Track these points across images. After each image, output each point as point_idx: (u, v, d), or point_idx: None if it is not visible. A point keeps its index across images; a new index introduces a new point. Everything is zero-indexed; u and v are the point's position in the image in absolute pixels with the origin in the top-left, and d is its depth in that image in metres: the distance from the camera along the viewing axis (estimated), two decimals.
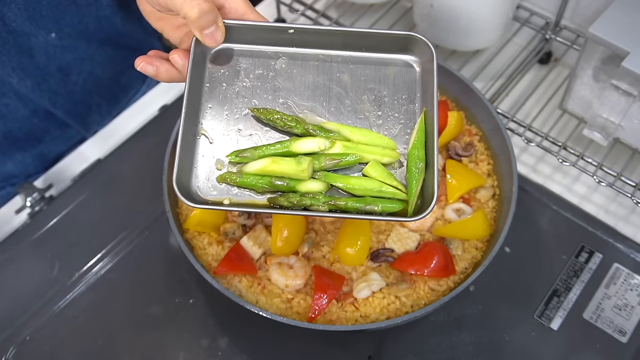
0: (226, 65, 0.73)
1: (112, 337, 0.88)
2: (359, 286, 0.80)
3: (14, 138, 1.03)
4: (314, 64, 0.74)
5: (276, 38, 0.73)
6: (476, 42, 1.09)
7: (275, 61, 0.74)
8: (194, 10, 0.66)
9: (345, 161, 0.68)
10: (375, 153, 0.69)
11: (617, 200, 0.99)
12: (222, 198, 0.68)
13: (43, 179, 1.06)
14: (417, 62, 0.74)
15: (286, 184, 0.67)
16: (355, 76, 0.73)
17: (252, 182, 0.67)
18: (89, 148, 1.09)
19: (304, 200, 0.66)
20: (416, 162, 0.68)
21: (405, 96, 0.72)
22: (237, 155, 0.69)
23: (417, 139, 0.69)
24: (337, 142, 0.69)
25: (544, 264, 0.92)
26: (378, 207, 0.66)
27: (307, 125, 0.70)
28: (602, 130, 0.92)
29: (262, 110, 0.70)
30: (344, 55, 0.74)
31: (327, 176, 0.68)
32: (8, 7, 0.87)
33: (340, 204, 0.66)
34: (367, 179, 0.68)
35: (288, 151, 0.68)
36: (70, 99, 1.06)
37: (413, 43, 0.72)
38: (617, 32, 0.85)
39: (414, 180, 0.67)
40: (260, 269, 0.82)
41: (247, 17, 0.71)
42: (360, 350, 0.86)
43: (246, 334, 0.88)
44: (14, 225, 1.00)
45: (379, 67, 0.74)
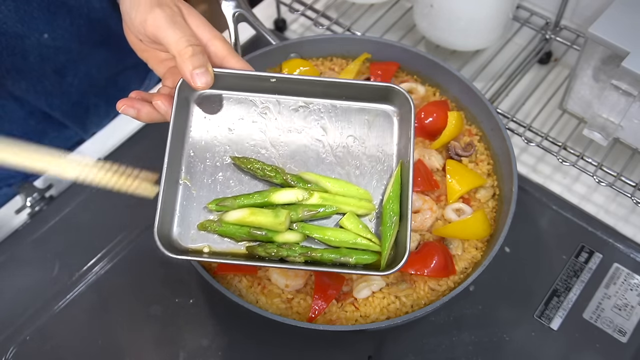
0: (209, 111, 0.75)
1: (112, 337, 0.88)
2: (359, 286, 0.80)
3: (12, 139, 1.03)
4: (295, 112, 0.75)
5: (258, 85, 0.75)
6: (476, 42, 1.09)
7: (257, 107, 0.75)
8: (188, 49, 0.67)
9: (322, 212, 0.70)
10: (352, 205, 0.71)
11: (617, 200, 0.99)
12: (202, 246, 0.70)
13: (43, 179, 1.06)
14: (395, 112, 0.75)
15: (264, 234, 0.69)
16: (335, 124, 0.75)
17: (231, 230, 0.70)
18: (89, 148, 1.09)
19: (280, 251, 0.68)
20: (390, 215, 0.70)
21: (383, 146, 0.74)
22: (217, 204, 0.70)
23: (392, 192, 0.71)
24: (315, 193, 0.71)
25: (543, 264, 0.92)
26: (352, 259, 0.68)
27: (286, 175, 0.71)
28: (602, 130, 0.92)
29: (242, 159, 0.72)
30: (325, 103, 0.76)
31: (304, 227, 0.70)
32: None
33: (315, 256, 0.68)
34: (343, 230, 0.70)
35: (267, 202, 0.70)
36: (67, 100, 1.06)
37: (393, 94, 0.74)
38: (617, 32, 0.85)
39: (388, 232, 0.69)
40: (260, 269, 0.82)
41: (227, 61, 0.72)
42: (360, 350, 0.86)
43: (246, 334, 0.88)
44: (14, 225, 1.00)
45: (359, 115, 0.75)
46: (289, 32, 1.23)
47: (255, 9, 1.25)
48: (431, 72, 0.97)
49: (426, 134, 0.92)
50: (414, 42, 1.18)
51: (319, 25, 1.13)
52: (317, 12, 1.14)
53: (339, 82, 0.74)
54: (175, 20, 0.68)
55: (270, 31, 0.99)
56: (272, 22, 1.23)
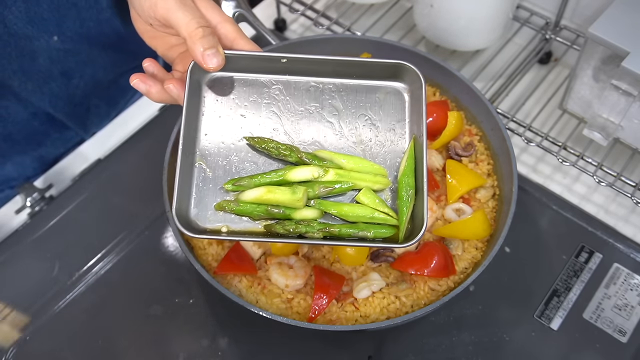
0: (221, 94, 0.75)
1: (112, 337, 0.88)
2: (359, 286, 0.80)
3: (13, 141, 1.03)
4: (306, 92, 0.76)
5: (269, 66, 0.75)
6: (476, 42, 1.09)
7: (269, 88, 0.75)
8: (199, 30, 0.67)
9: (338, 189, 0.70)
10: (367, 180, 0.71)
11: (617, 200, 0.99)
12: (220, 226, 0.70)
13: (43, 179, 1.06)
14: (406, 89, 0.76)
15: (282, 212, 0.69)
16: (346, 103, 0.75)
17: (248, 210, 0.70)
18: (89, 148, 1.09)
19: (299, 228, 0.68)
20: (406, 188, 0.70)
21: (395, 123, 0.75)
22: (233, 184, 0.71)
23: (406, 166, 0.71)
24: (330, 170, 0.71)
25: (543, 264, 0.92)
26: (370, 233, 0.68)
27: (301, 153, 0.72)
28: (602, 130, 0.92)
29: (256, 139, 0.72)
30: (336, 82, 0.76)
31: (321, 204, 0.70)
32: (9, 9, 0.86)
33: (334, 231, 0.68)
34: (360, 205, 0.70)
35: (283, 180, 0.70)
36: (71, 102, 1.06)
37: (403, 71, 0.74)
38: (617, 32, 0.85)
39: (404, 206, 0.69)
40: (260, 269, 0.82)
41: (237, 43, 0.72)
42: (360, 350, 0.86)
43: (246, 334, 0.88)
44: (14, 225, 1.00)
45: (370, 94, 0.76)
46: (289, 32, 1.23)
47: (255, 9, 1.25)
48: (431, 72, 0.97)
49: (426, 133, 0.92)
50: (414, 42, 1.18)
51: (319, 25, 1.13)
52: (317, 12, 1.14)
53: (349, 60, 0.74)
54: (185, 2, 0.68)
55: (270, 31, 0.99)
56: (272, 22, 1.23)
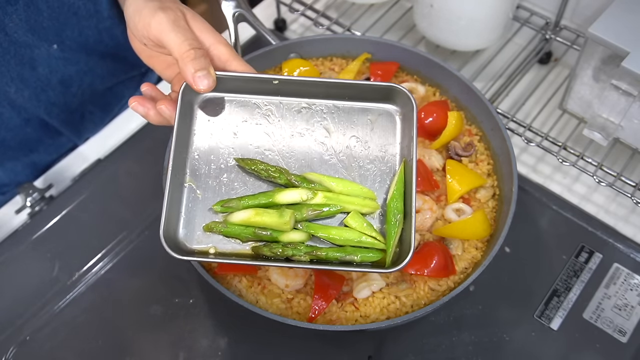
0: (213, 114, 0.75)
1: (112, 337, 0.88)
2: (359, 286, 0.80)
3: (6, 147, 1.03)
4: (298, 113, 0.76)
5: (261, 87, 0.75)
6: (476, 42, 1.09)
7: (260, 110, 0.76)
8: (190, 52, 0.67)
9: (326, 212, 0.71)
10: (356, 204, 0.71)
11: (617, 200, 0.99)
12: (208, 247, 0.71)
13: (43, 179, 1.06)
14: (398, 111, 0.76)
15: (269, 234, 0.69)
16: (337, 125, 0.75)
17: (236, 231, 0.70)
18: (89, 148, 1.09)
19: (286, 251, 0.68)
20: (395, 212, 0.70)
21: (386, 145, 0.75)
22: (222, 206, 0.71)
23: (396, 190, 0.71)
24: (319, 192, 0.71)
25: (543, 264, 0.92)
26: (357, 257, 0.69)
27: (290, 175, 0.72)
28: (602, 130, 0.92)
29: (246, 160, 0.73)
30: (327, 104, 0.76)
31: (309, 227, 0.70)
32: (9, 17, 0.86)
33: (321, 254, 0.69)
34: (347, 229, 0.71)
35: (271, 202, 0.71)
36: (66, 109, 1.06)
37: (395, 93, 0.74)
38: (617, 32, 0.85)
39: (392, 230, 0.69)
40: (260, 269, 0.82)
41: (230, 64, 0.72)
42: (360, 350, 0.86)
43: (246, 334, 0.88)
44: (14, 225, 1.00)
45: (361, 116, 0.76)
46: (289, 32, 1.23)
47: (255, 9, 1.25)
48: (431, 72, 0.97)
49: (426, 134, 0.92)
50: (414, 42, 1.18)
51: (319, 25, 1.13)
52: (317, 12, 1.14)
53: (341, 82, 0.75)
54: (178, 24, 0.69)
55: (270, 31, 0.99)
56: (272, 22, 1.23)
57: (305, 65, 0.98)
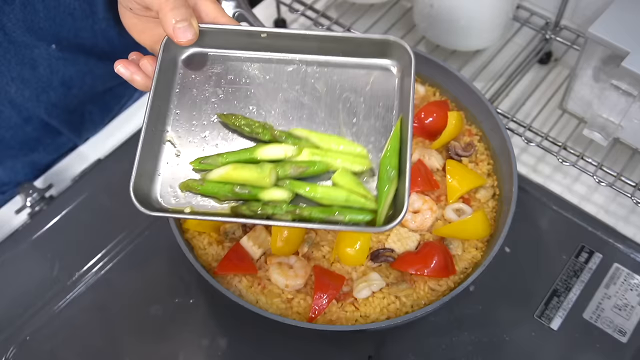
0: (197, 71, 0.72)
1: (112, 337, 0.88)
2: (359, 286, 0.80)
3: (5, 145, 1.02)
4: (288, 70, 0.71)
5: (249, 42, 0.71)
6: (476, 42, 1.09)
7: (248, 66, 0.72)
8: (169, 2, 0.65)
9: (312, 169, 0.66)
10: (345, 160, 0.66)
11: (617, 200, 0.99)
12: (184, 207, 0.66)
13: (43, 179, 1.06)
14: (395, 66, 0.72)
15: (248, 192, 0.65)
16: (330, 82, 0.71)
17: (214, 189, 0.66)
18: (89, 148, 1.09)
19: (266, 209, 0.64)
20: (388, 169, 0.65)
21: (382, 103, 0.70)
22: (200, 162, 0.67)
23: (390, 146, 0.66)
24: (305, 149, 0.67)
25: (544, 264, 0.92)
26: (345, 218, 0.63)
27: (275, 131, 0.68)
28: (602, 130, 0.92)
29: (229, 116, 0.69)
30: (320, 60, 0.72)
31: (292, 184, 0.66)
32: (7, 17, 0.86)
33: (304, 214, 0.64)
34: (335, 187, 0.66)
35: (251, 158, 0.67)
36: (67, 109, 1.06)
37: (391, 47, 0.70)
38: (617, 32, 0.85)
39: (384, 187, 0.64)
40: (260, 269, 0.82)
41: (218, 21, 0.70)
42: (360, 350, 0.86)
43: (246, 334, 0.88)
44: (14, 225, 1.00)
45: (356, 72, 0.71)
46: None
47: (255, 9, 1.25)
48: (431, 72, 0.97)
49: (426, 134, 0.92)
50: (414, 42, 1.18)
51: (319, 25, 1.13)
52: (317, 12, 1.15)
53: (334, 36, 0.70)
54: None
55: None
56: (272, 22, 1.23)
57: None
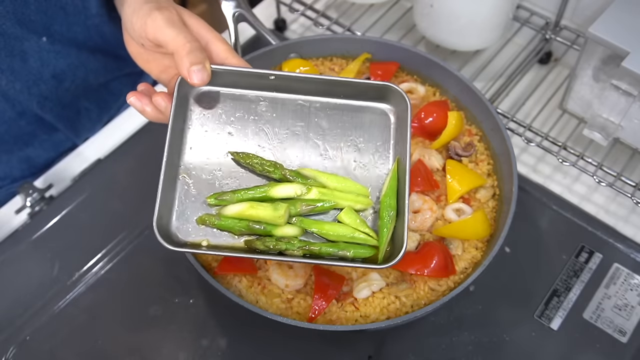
0: (208, 108, 0.75)
1: (112, 337, 0.88)
2: (359, 286, 0.80)
3: (0, 140, 1.03)
4: (293, 109, 0.76)
5: (258, 83, 0.75)
6: (476, 42, 1.09)
7: (256, 105, 0.76)
8: (186, 45, 0.68)
9: (320, 207, 0.71)
10: (349, 200, 0.72)
11: (617, 200, 0.99)
12: (201, 240, 0.70)
13: (43, 179, 1.06)
14: (392, 110, 0.76)
15: (263, 228, 0.69)
16: (333, 122, 0.76)
17: (230, 224, 0.70)
18: (89, 148, 1.09)
19: (279, 245, 0.68)
20: (387, 210, 0.70)
21: (380, 143, 0.75)
22: (216, 198, 0.71)
23: (389, 187, 0.71)
24: (313, 188, 0.72)
25: (544, 264, 0.92)
26: (350, 253, 0.69)
27: (285, 170, 0.72)
28: (602, 130, 0.92)
29: (241, 154, 0.73)
30: (323, 101, 0.76)
31: (302, 222, 0.70)
32: None
33: (314, 249, 0.69)
34: (341, 225, 0.71)
35: (266, 196, 0.71)
36: (59, 103, 1.06)
37: (389, 92, 0.75)
38: (617, 32, 0.85)
39: (385, 227, 0.69)
40: (260, 269, 0.82)
41: (228, 61, 0.73)
42: (360, 350, 0.86)
43: (246, 334, 0.88)
44: (14, 225, 1.00)
45: (356, 114, 0.76)
46: (289, 32, 1.23)
47: (255, 9, 1.25)
48: (431, 72, 0.97)
49: (426, 134, 0.92)
50: (414, 42, 1.18)
51: (319, 25, 1.13)
52: (317, 12, 1.14)
53: (337, 80, 0.75)
54: (173, 21, 0.70)
55: (270, 31, 0.99)
56: (272, 22, 1.23)
57: (305, 65, 0.98)
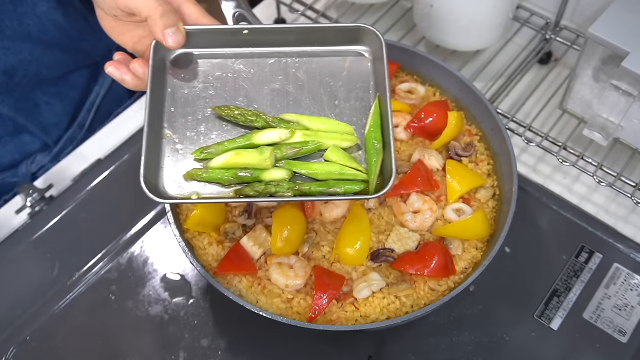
0: (186, 70, 0.76)
1: (112, 337, 0.88)
2: (359, 286, 0.80)
3: None
4: (270, 62, 0.77)
5: (232, 39, 0.76)
6: (476, 42, 1.09)
7: (233, 62, 0.77)
8: (158, 9, 0.69)
9: (305, 149, 0.72)
10: (334, 138, 0.72)
11: (617, 200, 0.99)
12: (190, 193, 0.71)
13: (43, 178, 1.06)
14: (367, 51, 0.78)
15: (251, 175, 0.70)
16: (310, 70, 0.77)
17: (217, 175, 0.70)
18: (89, 148, 1.09)
19: (268, 188, 0.69)
20: (373, 142, 0.71)
21: (360, 85, 0.76)
22: (201, 152, 0.72)
23: (373, 122, 0.73)
24: (297, 131, 0.73)
25: (543, 264, 0.92)
26: (341, 189, 0.70)
27: (267, 117, 0.73)
28: (602, 130, 0.92)
29: (223, 108, 0.73)
30: (298, 50, 0.78)
31: (289, 164, 0.71)
32: None
33: (304, 189, 0.70)
34: (328, 163, 0.72)
35: (250, 143, 0.72)
36: (11, 96, 1.04)
37: (362, 33, 0.76)
38: (617, 32, 0.85)
39: (373, 159, 0.71)
40: (260, 269, 0.82)
41: (200, 21, 0.74)
42: (360, 350, 0.86)
43: (246, 334, 0.88)
44: (14, 225, 1.00)
45: (332, 59, 0.78)
46: None
47: (255, 9, 1.25)
48: (431, 72, 0.97)
49: (426, 134, 0.92)
50: (414, 42, 1.18)
51: None
52: (317, 12, 1.14)
53: (310, 27, 0.77)
54: None
55: None
56: (272, 22, 1.23)
57: None
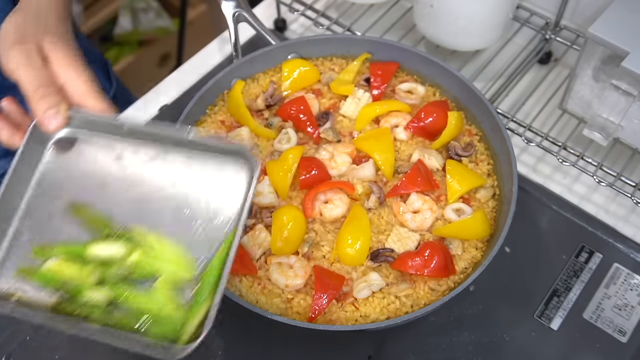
0: (62, 152, 0.72)
1: None
2: (359, 286, 0.80)
3: None
4: (145, 160, 0.72)
5: (114, 130, 0.72)
6: (476, 42, 1.09)
7: (112, 153, 0.73)
8: (39, 90, 0.66)
9: (136, 274, 0.67)
10: (170, 270, 0.67)
11: (617, 200, 0.99)
12: (14, 292, 0.66)
13: None
14: (247, 170, 0.72)
15: (70, 289, 0.66)
16: (184, 178, 0.72)
17: (44, 279, 0.66)
18: None
19: (80, 310, 0.65)
20: (207, 284, 0.66)
21: (226, 205, 0.70)
22: (40, 249, 0.68)
23: (215, 263, 0.67)
24: (136, 251, 0.67)
25: (543, 264, 0.92)
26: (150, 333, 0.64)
27: (115, 227, 0.68)
28: (602, 130, 0.92)
29: (80, 206, 0.70)
30: (181, 153, 0.72)
31: (114, 287, 0.66)
32: None
33: (112, 321, 0.65)
34: (149, 299, 0.66)
35: (81, 254, 0.67)
36: None
37: (244, 152, 0.71)
38: (617, 32, 0.85)
39: (202, 303, 0.66)
40: (260, 269, 0.82)
41: (85, 101, 0.70)
42: (360, 350, 0.86)
43: (246, 334, 0.88)
44: None
45: (212, 169, 0.72)
46: (289, 32, 1.23)
47: (255, 9, 1.24)
48: (431, 72, 0.97)
49: (426, 134, 0.92)
50: (414, 42, 1.18)
51: (319, 25, 1.13)
52: (317, 12, 1.14)
53: (191, 141, 0.71)
54: (30, 59, 0.67)
55: (270, 31, 0.99)
56: (272, 22, 1.23)
57: (305, 65, 0.98)
